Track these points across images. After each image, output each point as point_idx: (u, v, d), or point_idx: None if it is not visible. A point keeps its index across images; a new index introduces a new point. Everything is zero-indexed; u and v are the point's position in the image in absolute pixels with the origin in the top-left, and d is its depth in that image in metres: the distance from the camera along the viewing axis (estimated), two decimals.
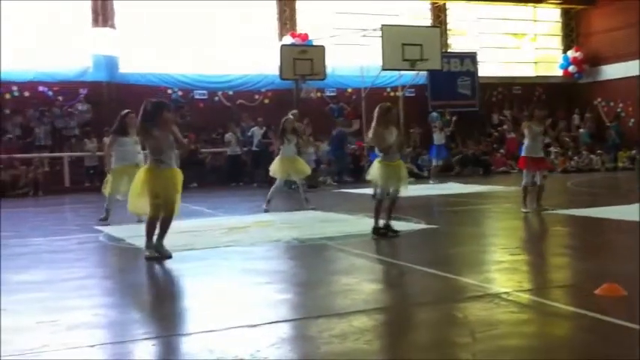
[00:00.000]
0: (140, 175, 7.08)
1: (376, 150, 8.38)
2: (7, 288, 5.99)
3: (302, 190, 11.83)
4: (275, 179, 11.43)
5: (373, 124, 8.15)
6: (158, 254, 7.01)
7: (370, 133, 8.30)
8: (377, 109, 8.18)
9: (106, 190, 9.97)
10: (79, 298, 5.52)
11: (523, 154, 10.29)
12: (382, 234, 8.13)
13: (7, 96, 18.63)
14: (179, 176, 7.11)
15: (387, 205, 8.25)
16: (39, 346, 4.11)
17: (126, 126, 9.93)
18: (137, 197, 7.08)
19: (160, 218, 7.04)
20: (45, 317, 4.77)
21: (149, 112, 6.99)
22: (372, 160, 16.02)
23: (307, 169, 11.82)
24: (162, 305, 5.30)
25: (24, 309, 5.14)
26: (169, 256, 7.01)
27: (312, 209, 11.34)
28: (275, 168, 11.56)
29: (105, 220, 9.90)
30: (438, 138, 17.89)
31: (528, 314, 4.63)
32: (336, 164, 19.32)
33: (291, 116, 12.08)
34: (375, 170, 8.25)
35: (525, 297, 5.00)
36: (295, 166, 11.51)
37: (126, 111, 10.21)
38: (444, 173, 18.19)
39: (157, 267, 6.80)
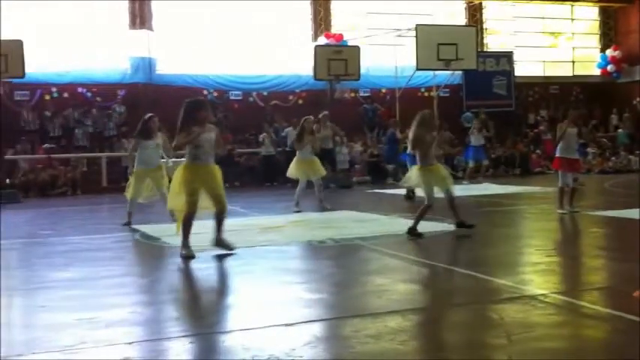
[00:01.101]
0: (178, 172, 7.18)
1: (416, 155, 8.39)
2: (46, 285, 6.13)
3: (318, 190, 11.76)
4: (292, 181, 11.45)
5: (414, 129, 8.25)
6: (226, 249, 7.21)
7: (410, 139, 8.38)
8: (417, 116, 8.31)
9: (128, 193, 10.10)
10: (116, 296, 5.61)
11: (557, 154, 10.17)
12: (417, 234, 8.13)
13: (47, 97, 18.99)
14: (218, 172, 7.21)
15: (448, 206, 8.35)
16: (77, 342, 4.19)
17: (149, 130, 10.06)
18: (176, 195, 7.18)
19: (214, 215, 7.19)
20: (83, 314, 4.86)
21: (188, 110, 7.12)
22: (403, 162, 16.01)
23: (323, 170, 11.85)
24: (198, 303, 5.36)
25: (63, 306, 5.24)
26: (232, 249, 7.18)
27: (328, 210, 11.29)
28: (292, 170, 11.63)
29: (129, 225, 9.94)
30: (476, 139, 17.70)
31: (565, 316, 4.58)
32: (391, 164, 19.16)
33: (311, 117, 12.10)
34: (415, 176, 8.31)
35: (562, 299, 4.94)
36: (312, 167, 11.56)
37: (149, 115, 10.37)
38: (479, 174, 18.01)
39: (192, 266, 6.87)
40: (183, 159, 7.51)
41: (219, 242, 7.26)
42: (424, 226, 8.52)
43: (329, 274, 6.52)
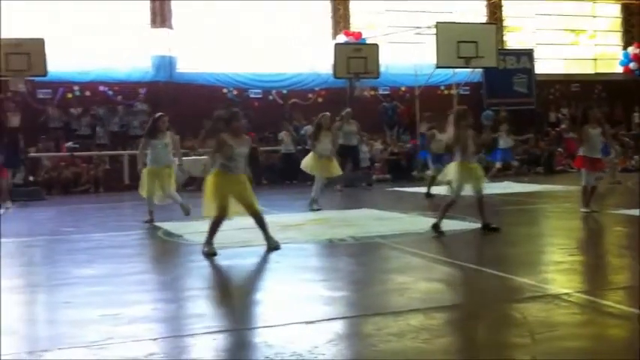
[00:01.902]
0: (210, 180, 7.33)
1: (455, 153, 8.39)
2: (70, 282, 6.20)
3: (317, 189, 11.60)
4: (312, 179, 11.45)
5: (451, 127, 8.30)
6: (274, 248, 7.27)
7: (449, 137, 8.43)
8: (454, 113, 8.39)
9: (143, 191, 10.18)
10: (139, 293, 5.67)
11: (581, 153, 10.08)
12: (440, 232, 8.14)
13: (69, 95, 19.15)
14: (246, 180, 7.36)
15: (476, 205, 8.36)
16: (103, 338, 4.23)
17: (158, 129, 10.15)
18: (210, 202, 7.32)
19: (253, 219, 7.34)
20: (107, 310, 4.91)
21: (223, 121, 7.34)
22: (423, 159, 15.95)
23: (339, 170, 11.83)
24: (220, 301, 5.39)
25: (87, 302, 5.30)
26: (277, 247, 7.28)
27: (316, 210, 11.19)
28: (309, 164, 11.62)
29: (150, 222, 10.01)
30: (505, 141, 17.56)
31: (588, 315, 4.55)
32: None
33: (327, 113, 12.06)
34: (453, 171, 8.34)
35: (585, 298, 4.91)
36: (328, 166, 11.54)
37: (159, 114, 10.50)
38: (502, 172, 17.87)
39: (214, 263, 6.91)
40: (192, 157, 7.63)
41: (269, 243, 7.35)
42: (445, 224, 8.50)
43: (350, 271, 6.54)
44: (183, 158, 11.50)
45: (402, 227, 8.97)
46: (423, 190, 13.23)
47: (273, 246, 7.34)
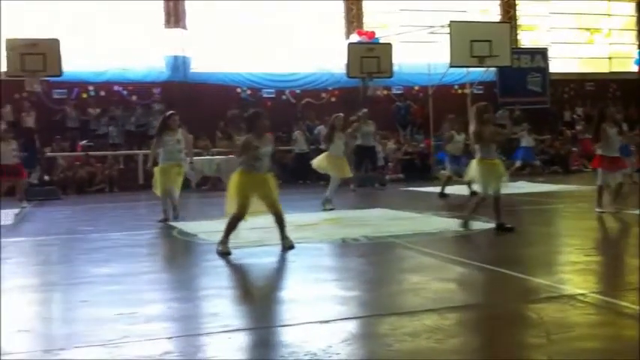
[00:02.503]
0: (234, 178, 7.38)
1: (476, 149, 8.39)
2: (87, 280, 6.24)
3: (332, 189, 11.66)
4: (326, 179, 11.47)
5: (473, 124, 8.30)
6: (289, 246, 7.32)
7: (471, 133, 8.42)
8: (474, 109, 8.39)
9: (157, 190, 10.24)
10: (155, 292, 5.71)
11: (598, 152, 10.00)
12: (467, 228, 8.21)
13: (84, 95, 19.27)
14: (272, 180, 7.42)
15: (492, 204, 8.33)
16: (119, 337, 4.26)
17: (168, 126, 10.23)
18: (232, 200, 7.34)
19: (273, 218, 7.34)
20: (123, 309, 4.95)
21: (246, 123, 7.44)
22: (440, 159, 15.90)
23: (349, 172, 11.87)
24: (235, 300, 5.41)
25: (103, 301, 5.34)
26: (292, 247, 7.31)
27: (329, 209, 11.22)
28: (322, 163, 11.65)
29: (166, 221, 10.07)
30: (527, 140, 17.51)
31: (605, 316, 4.53)
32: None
33: (341, 114, 12.08)
34: (474, 169, 8.35)
35: (601, 299, 4.88)
36: (340, 165, 11.55)
37: (170, 112, 10.61)
38: (519, 172, 17.78)
39: (229, 262, 6.94)
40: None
41: (284, 243, 7.37)
42: (459, 225, 8.48)
43: (363, 271, 6.54)
44: (197, 158, 11.54)
45: (415, 227, 8.96)
46: (437, 189, 13.20)
47: (287, 245, 7.35)
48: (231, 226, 7.28)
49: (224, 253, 7.15)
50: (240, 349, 4.00)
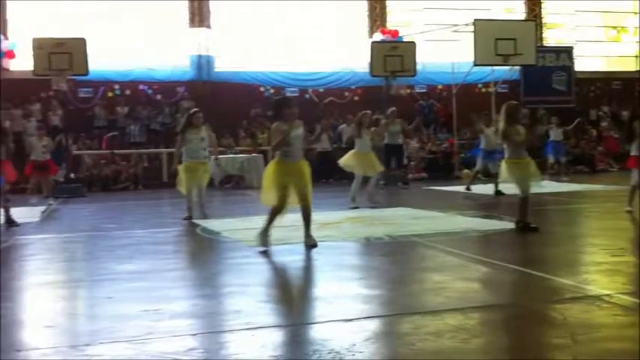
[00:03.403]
0: (268, 169, 7.41)
1: (505, 150, 8.35)
2: (112, 277, 6.30)
3: (372, 186, 11.77)
4: (349, 178, 11.50)
5: (502, 123, 8.24)
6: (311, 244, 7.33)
7: (499, 132, 8.38)
8: (503, 108, 8.30)
9: (182, 188, 10.30)
10: (179, 289, 5.75)
11: (633, 153, 9.78)
12: (527, 228, 8.14)
13: (110, 94, 19.46)
14: (306, 168, 7.41)
15: (519, 203, 8.29)
16: (144, 333, 4.30)
17: (192, 124, 10.30)
18: (268, 190, 7.36)
19: (300, 211, 7.36)
20: (148, 306, 4.99)
21: (273, 110, 7.39)
22: (474, 156, 15.82)
23: (380, 167, 11.88)
24: (258, 297, 5.42)
25: (128, 297, 5.40)
26: (315, 245, 7.31)
27: (374, 207, 11.25)
28: (349, 161, 11.66)
29: (189, 219, 10.13)
30: (555, 134, 17.36)
31: (632, 317, 4.47)
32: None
33: (368, 112, 12.10)
34: (505, 170, 8.32)
35: (628, 300, 4.83)
36: (369, 162, 11.58)
37: (194, 110, 10.68)
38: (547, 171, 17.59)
39: (251, 260, 6.96)
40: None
41: (307, 241, 7.39)
42: (482, 224, 8.44)
43: (386, 270, 6.53)
44: (220, 156, 11.61)
45: (438, 226, 8.92)
46: (461, 189, 13.14)
47: (310, 244, 7.36)
48: (273, 217, 7.28)
49: (262, 244, 7.18)
50: (263, 346, 4.01)
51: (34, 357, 3.97)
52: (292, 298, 5.51)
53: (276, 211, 7.27)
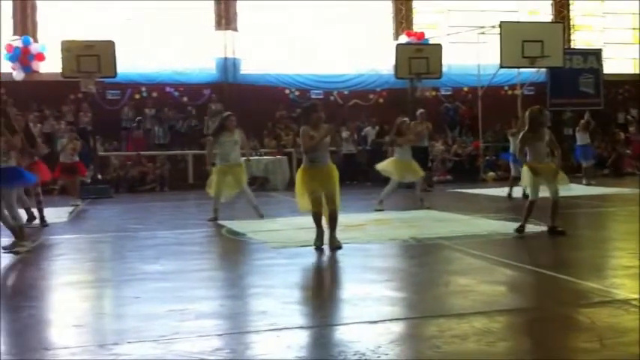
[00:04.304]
0: (298, 175, 7.58)
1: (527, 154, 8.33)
2: (138, 277, 6.37)
3: (418, 189, 11.87)
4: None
5: (524, 127, 8.32)
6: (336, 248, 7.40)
7: (520, 137, 8.40)
8: (527, 113, 8.35)
9: (211, 189, 10.37)
10: (205, 289, 5.80)
11: None
12: (521, 231, 8.14)
13: (137, 96, 19.65)
14: (334, 172, 7.51)
15: (551, 208, 8.26)
16: (170, 333, 4.34)
17: (226, 127, 10.38)
18: (301, 197, 7.56)
19: (328, 214, 7.47)
20: (174, 306, 5.03)
21: (301, 115, 7.56)
22: (505, 159, 15.74)
23: (422, 172, 11.90)
24: (284, 299, 5.44)
25: (155, 297, 5.45)
26: (339, 247, 7.38)
27: (427, 208, 11.30)
28: (388, 167, 11.69)
29: (214, 220, 10.19)
30: (582, 138, 17.16)
31: None
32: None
33: (406, 119, 12.10)
34: (525, 174, 8.37)
35: None
36: (410, 169, 11.61)
37: (227, 113, 10.77)
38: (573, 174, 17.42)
39: (276, 262, 7.00)
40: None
41: (332, 243, 7.44)
42: (508, 227, 8.38)
43: (412, 273, 6.52)
44: (243, 158, 11.67)
45: (463, 229, 8.88)
46: (485, 191, 13.07)
47: (335, 246, 7.38)
48: (316, 222, 7.50)
49: (317, 246, 7.43)
50: (288, 347, 4.03)
51: (62, 356, 4.02)
52: (317, 299, 5.52)
53: (315, 216, 7.48)
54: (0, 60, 18.05)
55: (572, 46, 23.18)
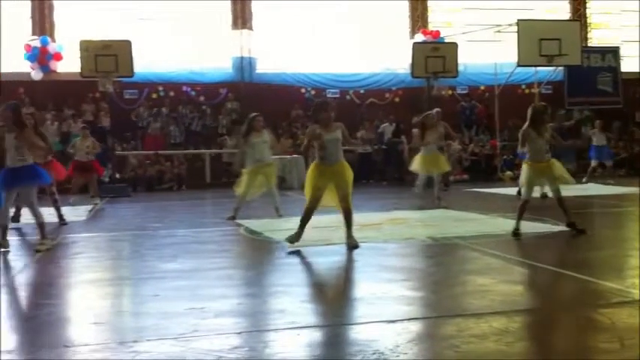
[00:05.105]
0: (308, 172, 7.62)
1: (525, 151, 8.28)
2: (157, 275, 6.41)
3: (437, 188, 11.86)
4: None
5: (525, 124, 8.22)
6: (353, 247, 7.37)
7: (520, 133, 8.32)
8: (531, 108, 8.27)
9: (239, 189, 10.40)
10: (223, 287, 5.83)
11: None
12: (517, 234, 8.02)
13: (154, 96, 19.75)
14: (346, 171, 7.52)
15: (558, 205, 8.22)
16: (190, 331, 4.37)
17: (254, 128, 10.42)
18: (307, 192, 7.56)
19: (342, 212, 7.47)
20: (193, 304, 5.06)
21: (312, 113, 7.51)
22: (522, 159, 15.68)
23: (447, 166, 11.98)
24: (302, 297, 5.47)
25: (174, 295, 5.48)
26: (356, 246, 7.36)
27: (444, 208, 11.27)
28: (414, 164, 11.82)
29: (233, 219, 10.22)
30: (599, 138, 17.03)
31: None
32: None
33: (432, 112, 12.09)
34: (522, 172, 8.33)
35: None
36: (435, 163, 11.67)
37: (254, 114, 10.76)
38: (591, 173, 17.29)
39: (294, 260, 7.02)
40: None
41: (349, 242, 7.44)
42: (526, 227, 8.34)
43: (429, 272, 6.52)
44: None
45: (481, 228, 8.86)
46: (502, 191, 13.01)
47: (352, 245, 7.39)
48: (304, 219, 7.47)
49: (291, 241, 7.38)
50: (307, 345, 4.05)
51: (83, 353, 4.06)
52: (335, 298, 5.53)
53: (307, 211, 7.46)
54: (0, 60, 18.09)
55: (589, 44, 23.02)
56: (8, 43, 18.23)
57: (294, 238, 7.44)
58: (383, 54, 21.46)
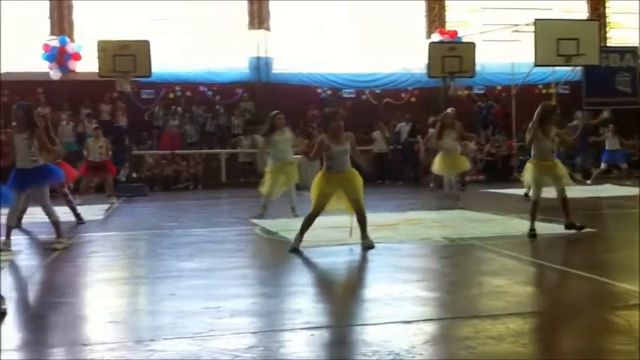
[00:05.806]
0: (315, 179, 7.61)
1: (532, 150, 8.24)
2: (173, 274, 6.44)
3: (455, 187, 11.88)
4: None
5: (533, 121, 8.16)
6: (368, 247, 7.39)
7: (528, 131, 8.30)
8: (541, 106, 8.20)
9: (264, 188, 10.43)
10: (239, 287, 5.85)
11: None
12: (533, 235, 7.98)
13: (171, 95, 19.84)
14: (354, 177, 7.52)
15: (560, 206, 8.18)
16: (206, 330, 4.40)
17: (276, 126, 10.42)
18: (313, 198, 7.53)
19: (356, 218, 7.49)
20: (210, 303, 5.09)
21: (322, 122, 7.58)
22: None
23: (467, 165, 11.96)
24: (317, 297, 5.49)
25: (190, 294, 5.51)
26: (372, 247, 7.38)
27: (461, 208, 11.24)
28: (436, 167, 11.81)
29: (261, 217, 10.27)
30: (612, 143, 16.87)
31: None
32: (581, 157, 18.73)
33: (449, 111, 12.06)
34: (527, 171, 8.25)
35: None
36: (455, 162, 11.64)
37: (275, 112, 10.74)
38: (603, 175, 17.17)
39: (309, 260, 7.03)
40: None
41: (364, 242, 7.44)
42: (541, 228, 8.29)
43: (445, 273, 6.50)
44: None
45: (497, 229, 8.83)
46: (518, 191, 12.93)
47: (367, 245, 7.40)
48: (306, 224, 7.46)
49: (293, 249, 7.33)
50: (323, 346, 4.06)
51: (100, 351, 4.09)
52: (350, 298, 5.53)
53: (309, 217, 7.47)
54: None
55: (608, 44, 22.84)
56: (27, 43, 18.41)
57: (295, 244, 7.43)
58: (399, 54, 21.42)
